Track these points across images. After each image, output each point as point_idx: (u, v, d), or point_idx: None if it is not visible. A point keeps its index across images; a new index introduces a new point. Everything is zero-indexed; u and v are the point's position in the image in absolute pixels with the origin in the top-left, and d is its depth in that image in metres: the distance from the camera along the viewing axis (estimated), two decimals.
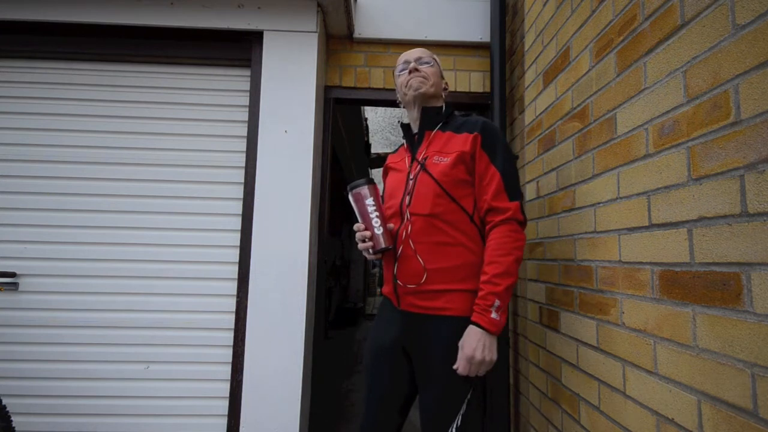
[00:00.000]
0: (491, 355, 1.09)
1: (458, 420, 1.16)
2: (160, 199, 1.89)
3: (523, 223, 1.18)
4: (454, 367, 1.13)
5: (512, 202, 1.17)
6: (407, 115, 1.44)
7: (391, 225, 1.26)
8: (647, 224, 0.93)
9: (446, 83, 1.41)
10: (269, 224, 1.79)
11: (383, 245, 1.22)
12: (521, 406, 1.74)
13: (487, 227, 1.20)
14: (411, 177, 1.29)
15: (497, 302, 1.08)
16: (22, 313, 1.81)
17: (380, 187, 1.42)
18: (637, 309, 0.95)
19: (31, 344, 1.79)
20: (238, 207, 1.87)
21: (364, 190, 1.25)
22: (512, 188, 1.19)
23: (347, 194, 1.29)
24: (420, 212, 1.22)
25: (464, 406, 1.16)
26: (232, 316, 1.82)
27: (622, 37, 1.05)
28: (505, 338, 1.74)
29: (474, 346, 1.08)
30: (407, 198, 1.26)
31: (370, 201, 1.24)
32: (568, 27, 1.37)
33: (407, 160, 1.34)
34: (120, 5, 1.84)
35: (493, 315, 1.08)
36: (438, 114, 1.34)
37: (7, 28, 1.85)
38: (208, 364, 1.82)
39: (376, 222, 1.23)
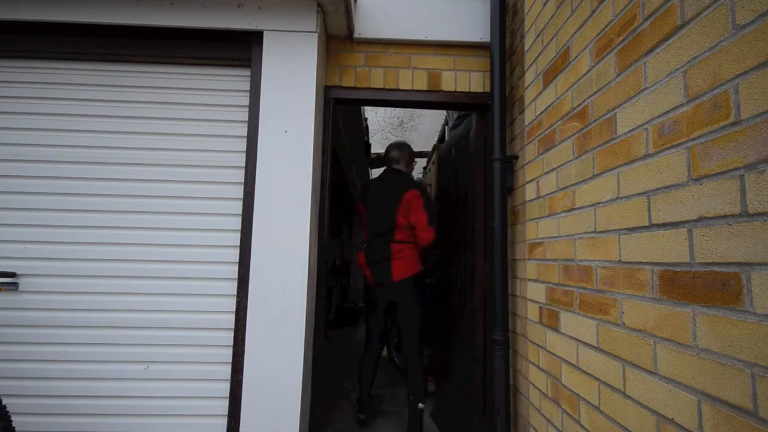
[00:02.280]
0: None
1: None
2: (160, 199, 1.89)
3: None
4: None
5: None
6: None
7: None
8: (647, 224, 0.93)
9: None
10: (269, 224, 1.79)
11: None
12: (521, 406, 1.74)
13: None
14: None
15: None
16: (22, 313, 1.81)
17: None
18: (637, 309, 0.95)
19: (31, 344, 1.80)
20: (238, 207, 1.87)
21: None
22: None
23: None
24: None
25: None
26: (232, 316, 1.82)
27: (622, 37, 1.05)
28: (505, 337, 1.74)
29: None
30: None
31: None
32: (568, 27, 1.37)
33: None
34: (120, 5, 1.84)
35: None
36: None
37: (7, 28, 1.85)
38: (208, 364, 1.82)
39: None
